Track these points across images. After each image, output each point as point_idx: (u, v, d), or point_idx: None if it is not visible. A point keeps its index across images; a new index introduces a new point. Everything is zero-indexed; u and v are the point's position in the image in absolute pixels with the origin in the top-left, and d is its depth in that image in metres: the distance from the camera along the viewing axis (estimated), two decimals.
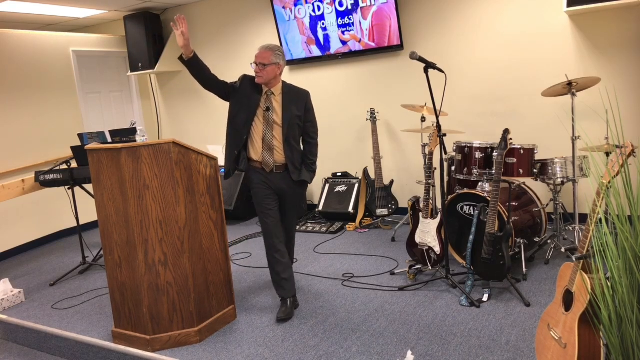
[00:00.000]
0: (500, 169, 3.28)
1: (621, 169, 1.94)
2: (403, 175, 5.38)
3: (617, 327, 1.88)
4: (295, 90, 3.36)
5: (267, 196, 3.32)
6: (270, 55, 3.19)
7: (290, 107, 3.27)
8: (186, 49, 3.10)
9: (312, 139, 3.40)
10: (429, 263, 3.61)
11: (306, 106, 3.34)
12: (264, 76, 3.21)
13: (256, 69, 3.21)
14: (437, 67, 3.29)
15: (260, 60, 3.19)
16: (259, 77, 3.22)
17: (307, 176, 3.39)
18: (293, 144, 3.30)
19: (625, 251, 1.84)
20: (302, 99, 3.34)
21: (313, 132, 3.40)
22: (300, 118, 3.31)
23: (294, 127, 3.28)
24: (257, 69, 3.20)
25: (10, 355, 3.32)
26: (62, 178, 4.46)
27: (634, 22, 4.13)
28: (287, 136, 3.25)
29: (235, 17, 6.08)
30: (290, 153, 3.28)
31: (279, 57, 3.24)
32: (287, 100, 3.29)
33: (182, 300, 3.01)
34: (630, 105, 4.25)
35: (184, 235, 2.96)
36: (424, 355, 2.71)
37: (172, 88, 6.81)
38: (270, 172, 3.29)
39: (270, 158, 3.27)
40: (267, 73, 3.20)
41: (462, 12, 4.79)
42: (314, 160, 3.42)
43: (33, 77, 5.54)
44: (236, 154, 3.33)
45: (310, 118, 3.38)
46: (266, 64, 3.19)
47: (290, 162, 3.29)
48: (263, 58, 3.18)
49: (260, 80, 3.23)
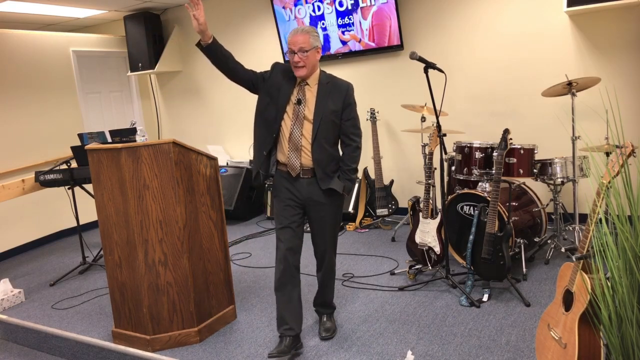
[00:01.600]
0: (500, 169, 3.28)
1: (621, 169, 1.94)
2: (403, 175, 5.38)
3: (617, 327, 1.88)
4: (335, 81, 2.81)
5: (287, 206, 2.81)
6: (309, 37, 2.68)
7: (326, 101, 2.74)
8: (203, 34, 2.68)
9: (353, 141, 2.81)
10: (429, 263, 3.61)
11: (345, 101, 2.77)
12: (308, 65, 2.69)
13: (296, 59, 2.67)
14: (437, 67, 3.29)
15: (300, 46, 2.66)
16: (300, 69, 2.69)
17: (339, 185, 2.79)
18: (325, 145, 2.75)
19: (625, 251, 1.84)
20: (342, 91, 2.78)
21: (354, 132, 2.81)
22: (337, 114, 2.76)
23: (329, 124, 2.74)
24: (297, 57, 2.66)
25: (10, 355, 3.32)
26: (62, 178, 4.46)
27: (634, 22, 4.13)
28: (317, 134, 2.72)
29: (235, 17, 6.07)
30: (320, 155, 2.74)
31: (317, 39, 2.73)
32: (323, 92, 2.76)
33: (182, 300, 3.01)
34: (630, 105, 4.25)
35: (184, 235, 2.96)
36: (424, 355, 2.71)
37: (172, 88, 6.81)
38: (297, 177, 2.78)
39: (296, 160, 2.75)
40: (310, 60, 2.69)
41: (462, 12, 4.79)
42: (352, 167, 2.81)
43: (33, 77, 5.54)
44: (265, 155, 2.82)
45: (351, 115, 2.80)
46: (308, 50, 2.66)
47: (319, 167, 2.75)
48: (303, 42, 2.66)
49: (302, 73, 2.70)
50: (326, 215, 2.85)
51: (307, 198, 2.80)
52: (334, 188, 2.77)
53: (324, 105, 2.74)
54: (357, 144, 2.82)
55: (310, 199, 2.80)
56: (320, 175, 2.76)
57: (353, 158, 2.81)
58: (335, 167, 2.82)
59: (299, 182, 2.79)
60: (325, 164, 2.76)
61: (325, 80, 2.80)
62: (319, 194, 2.79)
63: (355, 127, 2.82)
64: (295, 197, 2.81)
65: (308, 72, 2.71)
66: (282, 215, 2.82)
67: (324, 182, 2.76)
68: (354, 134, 2.81)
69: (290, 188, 2.81)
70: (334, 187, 2.77)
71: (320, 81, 2.79)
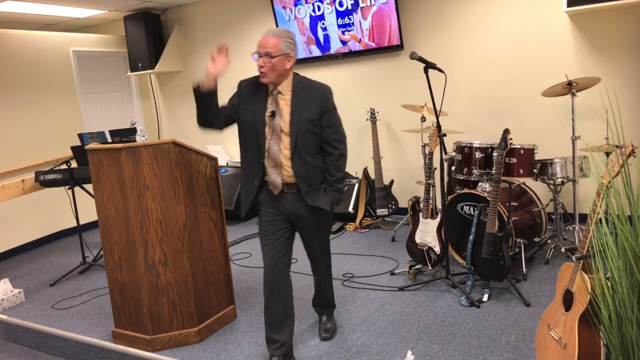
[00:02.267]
0: (500, 169, 3.28)
1: (621, 169, 1.94)
2: (403, 175, 5.38)
3: (617, 327, 1.88)
4: (310, 86, 2.59)
5: (271, 222, 2.65)
6: (279, 42, 2.46)
7: (300, 109, 2.52)
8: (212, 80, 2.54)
9: (335, 148, 2.60)
10: (429, 263, 3.61)
11: (323, 107, 2.55)
12: (271, 72, 2.47)
13: (260, 63, 2.47)
14: (437, 67, 3.29)
15: (265, 49, 2.45)
16: (263, 76, 2.49)
17: (325, 200, 2.61)
18: (306, 157, 2.55)
19: (625, 251, 1.84)
20: (318, 97, 2.55)
21: (335, 139, 2.60)
22: (315, 123, 2.54)
23: (307, 135, 2.53)
24: (261, 61, 2.46)
25: (10, 355, 3.32)
26: (62, 178, 4.46)
27: (634, 22, 4.13)
28: (296, 147, 2.53)
29: (235, 17, 6.07)
30: (302, 169, 2.55)
31: (289, 45, 2.50)
32: (297, 100, 2.54)
33: (182, 300, 3.01)
34: (630, 105, 4.25)
35: (184, 235, 2.96)
36: (424, 355, 2.71)
37: (172, 88, 6.81)
38: (280, 193, 2.62)
39: (277, 177, 2.58)
40: (275, 67, 2.46)
41: (462, 12, 4.79)
42: (337, 178, 2.62)
43: (33, 77, 5.54)
44: (257, 185, 2.62)
45: (331, 122, 2.58)
46: (274, 55, 2.44)
47: (303, 181, 2.56)
48: (269, 46, 2.44)
49: (266, 79, 2.50)
50: (314, 229, 2.72)
51: (293, 214, 2.63)
52: (321, 206, 2.60)
53: (299, 115, 2.52)
54: (341, 151, 2.62)
55: (296, 215, 2.64)
56: (305, 190, 2.57)
57: (338, 167, 2.62)
58: (321, 177, 2.63)
59: (284, 198, 2.62)
60: (309, 177, 2.58)
61: (298, 86, 2.56)
62: (305, 209, 2.62)
63: (336, 133, 2.61)
64: (280, 212, 2.65)
65: (273, 79, 2.50)
66: (267, 231, 2.66)
67: (310, 196, 2.58)
68: (337, 140, 2.61)
69: (275, 203, 2.64)
70: (321, 205, 2.60)
71: (294, 88, 2.56)
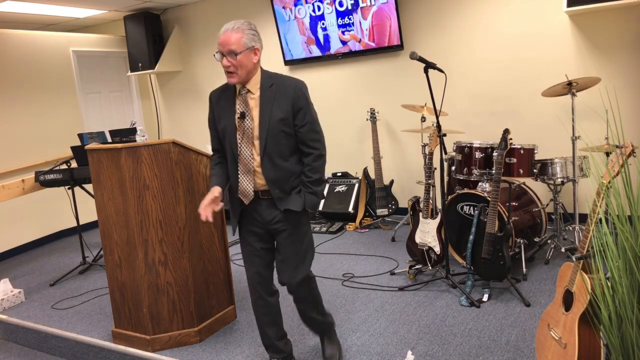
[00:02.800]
0: (500, 169, 3.28)
1: (621, 169, 1.94)
2: (403, 175, 5.38)
3: (617, 327, 1.88)
4: (281, 82, 2.33)
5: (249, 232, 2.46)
6: (241, 36, 2.21)
7: (269, 108, 2.29)
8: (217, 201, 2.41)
9: (313, 148, 2.35)
10: (429, 263, 3.61)
11: (295, 104, 2.30)
12: (240, 70, 2.25)
13: (225, 63, 2.24)
14: (437, 67, 3.29)
15: (228, 47, 2.21)
16: (231, 76, 2.27)
17: (297, 202, 2.36)
18: (277, 160, 2.32)
19: (625, 251, 1.84)
20: (289, 93, 2.30)
21: (312, 139, 2.35)
22: (287, 122, 2.30)
23: (279, 136, 2.30)
24: (226, 61, 2.23)
25: (10, 355, 3.32)
26: (62, 178, 4.46)
27: (634, 22, 4.13)
28: (266, 150, 2.30)
29: (235, 17, 6.07)
30: (274, 174, 2.32)
31: (253, 37, 2.25)
32: (266, 98, 2.31)
33: (182, 300, 3.01)
34: (630, 105, 4.25)
35: (184, 235, 2.96)
36: (424, 355, 2.71)
37: (172, 88, 6.81)
38: (255, 200, 2.40)
39: (249, 184, 2.36)
40: (242, 64, 2.24)
41: (462, 12, 4.79)
42: (313, 179, 2.36)
43: (33, 77, 5.54)
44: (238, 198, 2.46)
45: (306, 120, 2.33)
46: (238, 52, 2.21)
47: (275, 186, 2.34)
48: (231, 43, 2.21)
49: (235, 79, 2.27)
50: (288, 242, 2.41)
51: (268, 222, 2.40)
52: (291, 209, 2.35)
53: (269, 114, 2.29)
54: (319, 151, 2.36)
55: (270, 223, 2.40)
56: (276, 195, 2.34)
57: (314, 168, 2.36)
58: (296, 182, 2.39)
59: (259, 205, 2.40)
60: (282, 182, 2.34)
61: (267, 83, 2.33)
62: (278, 217, 2.38)
63: (313, 131, 2.35)
64: (257, 220, 2.43)
65: (242, 78, 2.28)
66: (245, 243, 2.49)
67: (282, 201, 2.35)
68: (313, 139, 2.35)
69: (252, 211, 2.43)
70: (291, 207, 2.35)
71: (262, 85, 2.33)
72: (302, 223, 2.45)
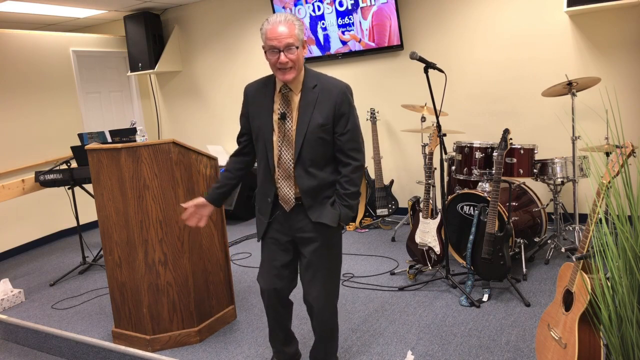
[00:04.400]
0: (500, 169, 3.28)
1: (621, 169, 1.94)
2: (403, 175, 5.38)
3: (617, 327, 1.88)
4: (325, 84, 2.16)
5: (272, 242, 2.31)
6: (295, 29, 2.07)
7: (310, 111, 2.13)
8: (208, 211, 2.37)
9: (353, 159, 2.18)
10: (429, 263, 3.61)
11: (338, 110, 2.13)
12: (297, 66, 2.10)
13: (282, 60, 2.06)
14: (437, 67, 3.29)
15: (285, 42, 2.04)
16: (288, 72, 2.09)
17: (332, 216, 2.19)
18: (313, 171, 2.17)
19: (625, 251, 1.84)
20: (332, 98, 2.13)
21: (352, 149, 2.17)
22: (327, 129, 2.14)
23: (316, 142, 2.14)
24: (284, 58, 2.06)
25: (10, 355, 3.32)
26: (62, 178, 4.46)
27: (634, 22, 4.13)
28: (301, 156, 2.16)
29: (235, 17, 6.07)
30: (307, 183, 2.17)
31: (303, 29, 2.13)
32: (307, 100, 2.15)
33: (182, 300, 3.01)
34: (630, 105, 4.25)
35: (184, 235, 2.96)
36: (424, 355, 2.71)
37: (172, 88, 6.81)
38: (293, 209, 2.23)
39: (289, 190, 2.20)
40: (299, 59, 2.10)
41: (462, 12, 4.79)
42: (350, 192, 2.19)
43: (33, 77, 5.54)
44: (270, 202, 2.25)
45: (347, 128, 2.16)
46: (297, 46, 2.07)
47: (308, 195, 2.18)
48: (288, 36, 2.05)
49: (290, 76, 2.10)
50: (316, 256, 2.25)
51: (296, 229, 2.25)
52: (325, 222, 2.19)
53: (308, 118, 2.13)
54: (359, 162, 2.20)
55: (298, 230, 2.25)
56: (308, 203, 2.18)
57: (352, 180, 2.19)
58: (330, 192, 2.23)
59: (296, 213, 2.24)
60: (316, 192, 2.19)
61: (311, 83, 2.16)
62: (308, 227, 2.22)
63: (354, 141, 2.18)
64: (285, 227, 2.27)
65: (296, 75, 2.13)
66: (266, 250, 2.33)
67: (313, 211, 2.19)
68: (354, 149, 2.18)
69: (284, 221, 2.27)
70: (325, 221, 2.18)
71: (305, 85, 2.16)
72: (334, 237, 2.29)
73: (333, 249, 2.30)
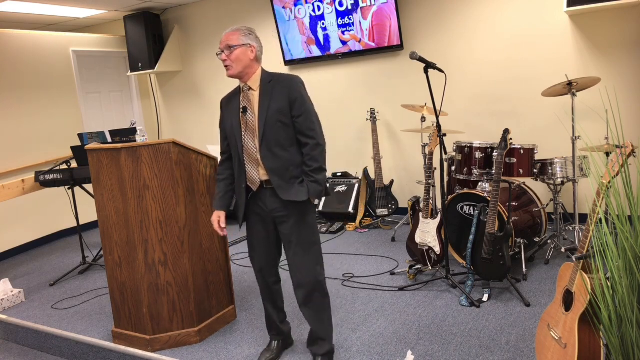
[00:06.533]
0: (500, 169, 3.28)
1: (621, 169, 1.94)
2: (403, 175, 5.38)
3: (617, 327, 1.88)
4: (278, 78, 2.53)
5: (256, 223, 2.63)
6: (238, 35, 2.48)
7: (268, 101, 2.48)
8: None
9: (309, 138, 2.48)
10: (429, 263, 3.61)
11: (291, 96, 2.47)
12: (233, 64, 2.47)
13: (222, 57, 2.49)
14: (437, 67, 3.29)
15: (225, 43, 2.48)
16: (228, 69, 2.50)
17: (300, 192, 2.48)
18: (276, 150, 2.47)
19: (625, 251, 1.84)
20: (285, 86, 2.48)
21: (308, 128, 2.48)
22: (284, 113, 2.46)
23: (276, 126, 2.46)
24: (224, 56, 2.48)
25: (10, 355, 3.32)
26: (62, 178, 4.46)
27: (634, 22, 4.13)
28: (264, 140, 2.47)
29: (235, 17, 6.07)
30: (274, 163, 2.48)
31: (250, 37, 2.50)
32: (265, 92, 2.50)
33: (182, 300, 3.01)
34: (630, 105, 4.25)
35: (184, 235, 2.96)
36: (424, 355, 2.71)
37: (172, 88, 6.81)
38: (260, 189, 2.55)
39: (254, 172, 2.52)
40: (238, 58, 2.47)
41: (462, 12, 4.79)
42: (314, 168, 2.48)
43: (33, 77, 5.54)
44: (244, 188, 2.58)
45: (301, 110, 2.47)
46: (233, 45, 2.46)
47: (275, 175, 2.48)
48: (228, 39, 2.48)
49: (232, 72, 2.49)
50: (292, 232, 2.53)
51: (271, 210, 2.54)
52: (295, 199, 2.47)
53: (267, 106, 2.48)
54: (315, 141, 2.48)
55: (274, 211, 2.54)
56: (277, 184, 2.47)
57: (313, 157, 2.47)
58: (298, 172, 2.51)
59: (264, 194, 2.54)
60: (282, 171, 2.48)
61: (267, 79, 2.53)
62: (281, 207, 2.51)
63: (309, 121, 2.48)
64: (262, 209, 2.57)
65: (239, 70, 2.48)
66: (250, 233, 2.65)
67: (283, 191, 2.47)
68: (309, 129, 2.48)
69: (257, 200, 2.57)
70: (294, 197, 2.47)
71: (262, 81, 2.53)
72: (307, 211, 2.55)
73: (307, 223, 2.56)
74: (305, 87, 2.55)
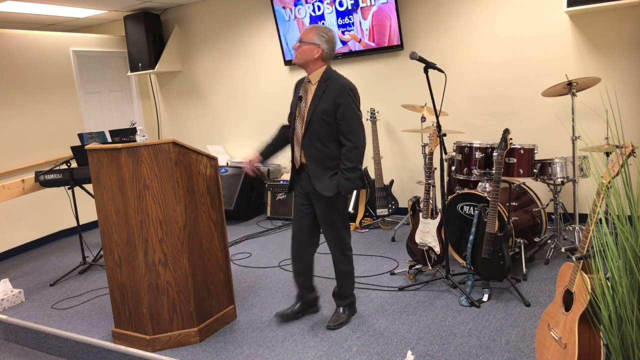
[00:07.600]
0: (500, 169, 3.28)
1: (621, 169, 1.94)
2: (403, 175, 5.38)
3: (617, 327, 1.88)
4: (333, 80, 2.87)
5: (297, 196, 3.08)
6: (312, 34, 2.86)
7: (320, 99, 2.84)
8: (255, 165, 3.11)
9: (348, 140, 2.83)
10: (429, 263, 3.61)
11: (336, 101, 2.80)
12: (299, 54, 2.89)
13: (294, 46, 2.93)
14: (437, 67, 3.29)
15: (301, 37, 2.90)
16: (295, 56, 2.94)
17: (327, 187, 2.87)
18: (316, 142, 2.87)
19: (625, 251, 1.84)
20: (335, 91, 2.82)
21: (348, 131, 2.82)
22: (328, 114, 2.81)
23: (319, 123, 2.84)
24: (295, 45, 2.92)
25: (10, 355, 3.32)
26: (62, 178, 4.46)
27: (634, 22, 4.13)
28: (307, 131, 2.87)
29: (235, 17, 6.08)
30: (312, 152, 2.89)
31: (322, 38, 2.86)
32: (319, 90, 2.86)
33: (182, 300, 3.01)
34: (630, 105, 4.25)
35: (184, 235, 2.96)
36: (424, 355, 2.71)
37: (172, 88, 6.81)
38: (300, 168, 2.99)
39: (297, 153, 2.96)
40: (302, 51, 2.87)
41: (462, 13, 4.79)
42: (348, 167, 2.83)
43: (33, 77, 5.54)
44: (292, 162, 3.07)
45: (344, 115, 2.81)
46: (303, 41, 2.86)
47: (312, 162, 2.90)
48: (304, 34, 2.88)
49: (294, 61, 2.96)
50: (322, 212, 2.98)
51: (307, 190, 2.98)
52: (324, 194, 2.87)
53: (316, 103, 2.85)
54: (354, 143, 2.84)
55: (309, 191, 2.97)
56: (312, 171, 2.90)
57: (348, 157, 2.84)
58: (332, 164, 2.89)
59: (303, 174, 2.97)
60: (318, 160, 2.88)
61: (325, 78, 2.88)
62: (314, 190, 2.92)
63: (349, 126, 2.83)
64: (302, 187, 3.01)
65: (299, 60, 2.88)
66: (295, 202, 3.09)
67: (316, 179, 2.89)
68: (349, 132, 2.83)
69: (298, 180, 3.03)
70: (321, 191, 2.88)
71: (321, 79, 2.88)
72: (337, 200, 2.94)
73: (337, 209, 2.97)
74: (355, 93, 2.87)
